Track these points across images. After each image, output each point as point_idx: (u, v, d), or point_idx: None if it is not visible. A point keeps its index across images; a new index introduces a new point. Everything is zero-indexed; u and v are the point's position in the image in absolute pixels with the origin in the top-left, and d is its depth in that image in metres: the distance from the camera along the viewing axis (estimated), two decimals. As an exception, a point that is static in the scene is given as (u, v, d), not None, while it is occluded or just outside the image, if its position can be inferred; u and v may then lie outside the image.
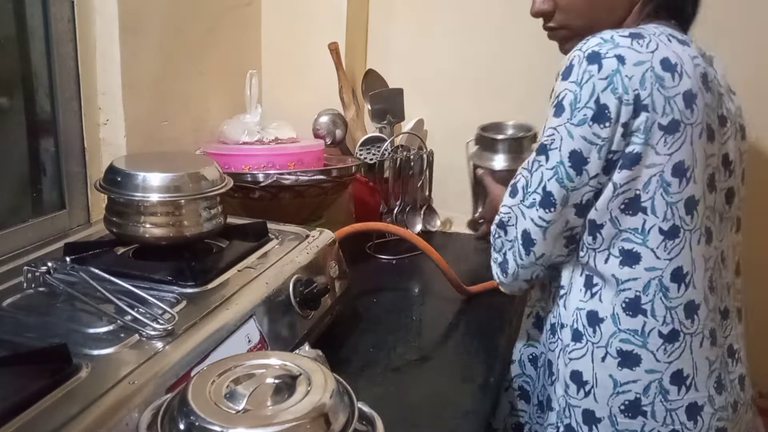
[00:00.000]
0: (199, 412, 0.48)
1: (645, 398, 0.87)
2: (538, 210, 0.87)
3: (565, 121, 0.83)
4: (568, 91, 0.83)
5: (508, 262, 0.93)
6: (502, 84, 1.59)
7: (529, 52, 1.54)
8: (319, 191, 1.32)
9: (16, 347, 0.66)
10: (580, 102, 0.82)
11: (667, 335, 0.86)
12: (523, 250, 0.90)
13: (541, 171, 0.86)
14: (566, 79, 0.84)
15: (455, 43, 1.61)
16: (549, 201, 0.86)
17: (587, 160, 0.83)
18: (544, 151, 0.86)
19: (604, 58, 0.81)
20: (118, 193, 0.90)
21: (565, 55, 0.91)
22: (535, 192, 0.87)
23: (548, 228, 0.87)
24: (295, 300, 0.89)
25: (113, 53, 1.11)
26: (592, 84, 0.81)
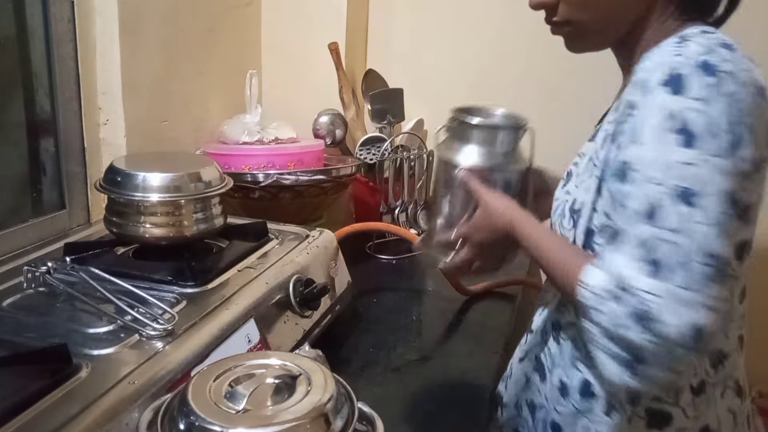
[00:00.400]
0: (199, 412, 0.48)
1: None
2: (710, 287, 0.62)
3: (707, 153, 0.63)
4: (694, 111, 0.64)
5: (646, 362, 0.64)
6: (502, 84, 1.59)
7: (529, 52, 1.54)
8: (319, 191, 1.32)
9: (16, 347, 0.66)
10: (716, 125, 0.63)
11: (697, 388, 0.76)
12: (689, 351, 0.63)
13: (696, 228, 0.62)
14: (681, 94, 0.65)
15: (455, 43, 1.61)
16: (723, 270, 0.63)
17: (749, 199, 0.64)
18: (686, 198, 0.63)
19: (720, 72, 0.64)
20: (118, 193, 0.90)
21: (576, 53, 0.83)
22: (699, 263, 0.62)
23: (721, 309, 0.63)
24: (295, 300, 0.89)
25: (113, 53, 1.11)
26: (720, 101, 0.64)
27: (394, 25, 1.65)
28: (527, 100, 1.57)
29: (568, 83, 1.49)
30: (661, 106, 0.64)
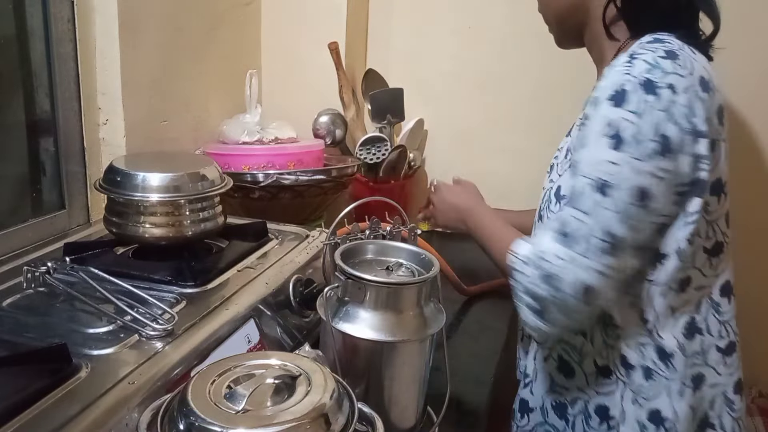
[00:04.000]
0: (199, 413, 0.48)
1: (712, 412, 0.87)
2: (603, 257, 0.78)
3: (628, 156, 0.76)
4: (626, 121, 0.76)
5: (551, 313, 0.82)
6: (502, 84, 1.59)
7: (529, 51, 1.54)
8: (318, 191, 1.32)
9: (16, 347, 0.66)
10: (643, 135, 0.75)
11: (725, 349, 0.87)
12: (581, 305, 0.80)
13: (604, 214, 0.77)
14: (620, 107, 0.77)
15: (455, 43, 1.61)
16: (617, 247, 0.78)
17: (656, 197, 0.77)
18: (601, 188, 0.77)
19: (659, 88, 0.76)
20: (117, 193, 0.90)
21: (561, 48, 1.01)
22: (598, 239, 0.77)
23: (612, 277, 0.79)
24: (295, 300, 0.89)
25: (113, 53, 1.11)
26: (653, 115, 0.76)
27: (394, 25, 1.65)
28: (527, 100, 1.57)
29: (568, 83, 1.49)
30: (603, 116, 0.78)
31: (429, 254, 0.75)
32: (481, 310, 1.21)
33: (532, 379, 1.00)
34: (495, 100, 1.60)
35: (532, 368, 1.00)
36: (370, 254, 0.77)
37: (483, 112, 1.61)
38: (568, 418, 0.94)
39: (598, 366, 0.89)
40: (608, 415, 0.89)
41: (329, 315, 0.70)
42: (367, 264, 0.75)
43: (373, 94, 1.56)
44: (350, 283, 0.69)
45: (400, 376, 0.71)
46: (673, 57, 0.79)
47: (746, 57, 1.37)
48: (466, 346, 1.07)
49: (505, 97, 1.59)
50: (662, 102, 0.76)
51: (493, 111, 1.60)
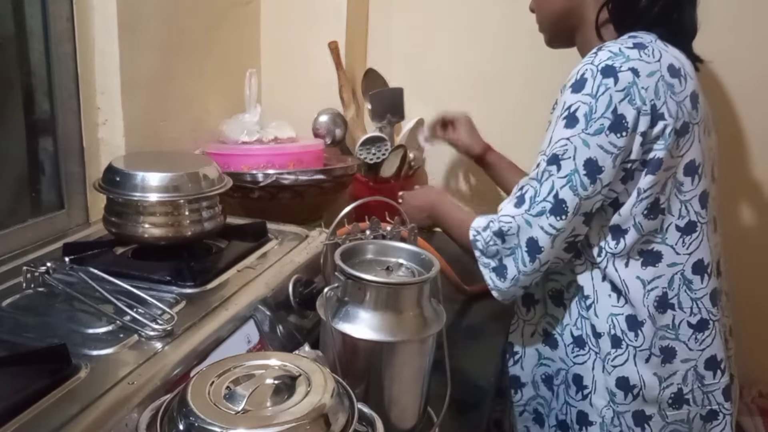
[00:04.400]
0: (199, 413, 0.48)
1: (686, 387, 0.92)
2: (548, 218, 0.87)
3: (579, 132, 0.84)
4: (581, 103, 0.84)
5: (506, 268, 0.92)
6: (502, 84, 1.59)
7: (529, 51, 1.53)
8: (318, 191, 1.32)
9: (15, 347, 0.66)
10: (596, 113, 0.83)
11: (697, 325, 0.91)
12: (528, 258, 0.90)
13: (552, 180, 0.87)
14: (578, 92, 0.85)
15: (455, 43, 1.61)
16: (561, 209, 0.87)
17: (602, 168, 0.84)
18: (556, 161, 0.86)
19: (620, 72, 0.83)
20: (117, 193, 0.90)
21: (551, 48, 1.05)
22: (545, 200, 0.87)
23: (558, 236, 0.88)
24: (295, 300, 0.89)
25: (112, 52, 1.11)
26: (609, 96, 0.83)
27: (394, 24, 1.65)
28: (527, 100, 1.57)
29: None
30: (563, 102, 0.87)
31: (429, 254, 0.75)
32: (481, 310, 1.20)
33: (521, 355, 1.05)
34: (495, 100, 1.60)
35: (520, 345, 1.05)
36: (370, 254, 0.77)
37: (483, 112, 1.61)
38: (554, 388, 1.01)
39: (574, 336, 0.97)
40: (582, 384, 0.97)
41: (329, 315, 0.70)
42: (367, 264, 0.75)
43: (373, 93, 1.56)
44: (350, 283, 0.69)
45: (400, 376, 0.71)
46: (640, 47, 0.86)
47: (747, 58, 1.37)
48: (466, 346, 1.07)
49: (505, 97, 1.59)
50: (621, 84, 0.83)
51: (492, 111, 1.60)
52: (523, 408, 1.06)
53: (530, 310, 1.03)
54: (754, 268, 1.37)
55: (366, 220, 0.87)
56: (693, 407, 0.93)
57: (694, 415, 0.93)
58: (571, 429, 0.99)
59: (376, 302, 0.69)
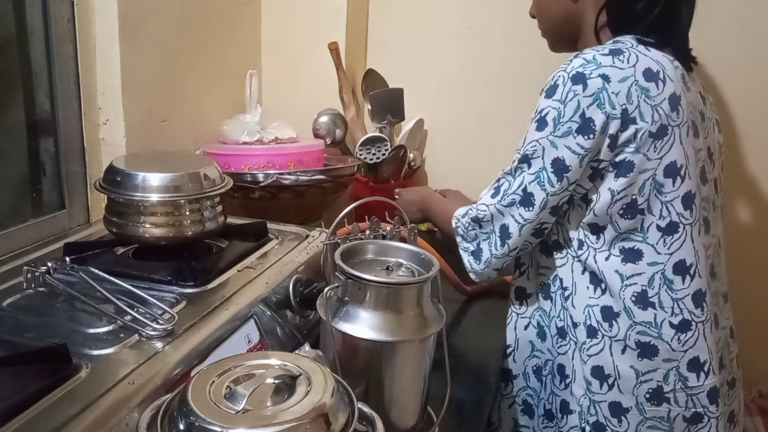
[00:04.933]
0: (199, 413, 0.48)
1: (667, 386, 0.92)
2: (518, 209, 0.94)
3: (548, 134, 0.90)
4: (552, 108, 0.89)
5: (482, 251, 1.00)
6: (501, 84, 1.59)
7: (528, 51, 1.53)
8: (319, 191, 1.32)
9: (16, 347, 0.66)
10: (564, 117, 0.88)
11: (679, 325, 0.91)
12: (500, 242, 0.97)
13: (523, 176, 0.93)
14: (550, 98, 0.90)
15: (455, 43, 1.61)
16: (529, 201, 0.93)
17: (569, 167, 0.89)
18: (526, 160, 0.93)
19: (589, 78, 0.87)
20: (117, 193, 0.90)
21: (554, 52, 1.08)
22: (514, 193, 0.94)
23: (525, 225, 0.95)
24: (295, 300, 0.89)
25: (113, 53, 1.11)
26: (577, 101, 0.87)
27: (394, 25, 1.65)
28: (527, 100, 1.57)
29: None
30: (537, 106, 0.92)
31: (429, 254, 0.75)
32: (481, 310, 1.21)
33: (513, 349, 1.07)
34: (495, 100, 1.60)
35: (512, 338, 1.07)
36: (370, 254, 0.77)
37: (483, 112, 1.61)
38: (542, 379, 1.04)
39: (558, 327, 0.99)
40: (565, 374, 0.99)
41: (329, 315, 0.70)
42: (367, 264, 0.75)
43: (373, 94, 1.56)
44: (350, 283, 0.69)
45: (400, 376, 0.71)
46: (615, 53, 0.88)
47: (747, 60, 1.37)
48: (466, 346, 1.07)
49: (505, 97, 1.59)
50: (590, 90, 0.87)
51: (492, 111, 1.60)
52: (513, 400, 1.07)
53: (523, 303, 1.05)
54: (753, 268, 1.37)
55: (366, 220, 0.87)
56: (674, 407, 0.93)
57: (676, 415, 0.93)
58: (556, 418, 1.01)
59: (376, 302, 0.69)
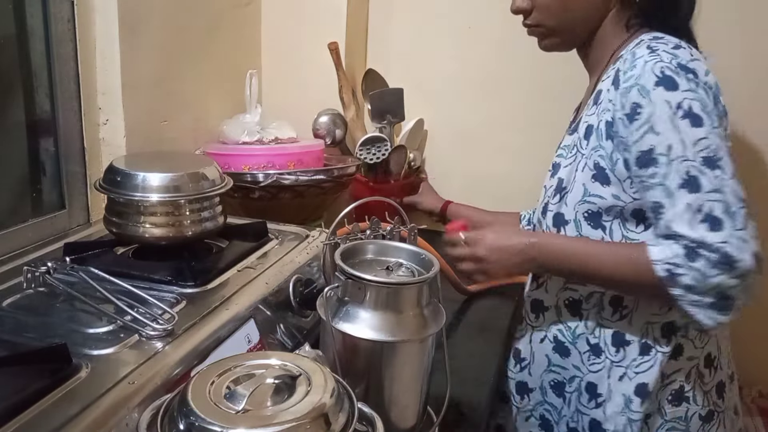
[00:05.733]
0: (199, 413, 0.48)
1: (688, 385, 0.92)
2: (750, 222, 0.80)
3: (710, 127, 0.81)
4: (689, 99, 0.81)
5: (730, 298, 0.80)
6: (501, 84, 1.59)
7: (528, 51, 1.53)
8: (318, 191, 1.32)
9: (16, 347, 0.66)
10: (708, 106, 0.82)
11: None
12: (758, 274, 0.80)
13: (731, 185, 0.80)
14: (676, 90, 0.81)
15: (455, 43, 1.61)
16: (748, 208, 0.80)
17: (730, 160, 0.82)
18: (714, 163, 0.80)
19: (695, 68, 0.83)
20: (117, 193, 0.90)
21: (546, 51, 1.02)
22: (740, 208, 0.80)
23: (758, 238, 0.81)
24: (295, 300, 0.89)
25: (113, 53, 1.11)
26: (703, 89, 0.82)
27: (394, 25, 1.65)
28: (527, 100, 1.57)
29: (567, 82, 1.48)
30: (664, 101, 0.82)
31: (429, 254, 0.75)
32: (481, 310, 1.21)
33: (529, 361, 1.04)
34: (495, 100, 1.60)
35: (528, 351, 1.04)
36: (370, 254, 0.77)
37: (483, 112, 1.61)
38: (565, 395, 0.99)
39: (591, 345, 0.95)
40: (596, 393, 0.95)
41: (329, 315, 0.70)
42: (367, 264, 0.75)
43: (373, 94, 1.56)
44: (350, 283, 0.69)
45: (400, 376, 0.71)
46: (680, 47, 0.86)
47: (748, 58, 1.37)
48: (466, 346, 1.07)
49: (505, 97, 1.59)
50: (701, 78, 0.83)
51: (492, 111, 1.60)
52: (529, 413, 1.05)
53: (539, 316, 1.02)
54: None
55: (366, 220, 0.87)
56: (692, 406, 0.92)
57: (693, 414, 0.93)
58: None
59: (376, 302, 0.69)
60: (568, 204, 0.94)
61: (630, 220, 0.89)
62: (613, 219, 0.90)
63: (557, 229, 0.96)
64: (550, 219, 0.98)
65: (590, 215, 0.92)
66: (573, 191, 0.93)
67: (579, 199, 0.92)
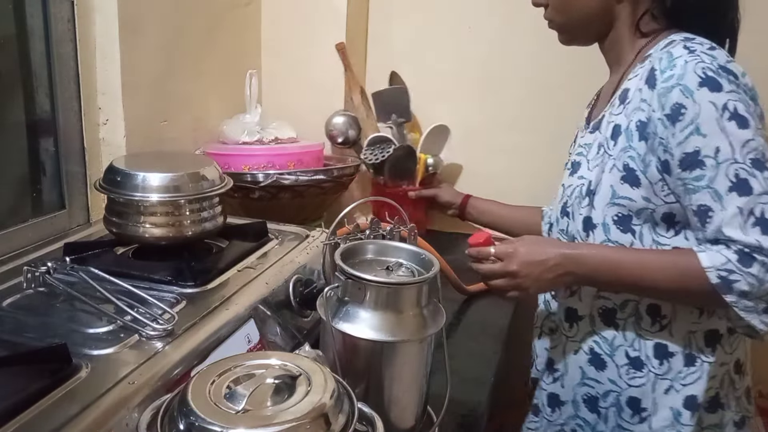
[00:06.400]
0: (199, 413, 0.48)
1: (722, 392, 0.90)
2: None
3: (754, 128, 0.80)
4: (733, 101, 0.80)
5: None
6: (502, 84, 1.59)
7: (528, 51, 1.54)
8: (318, 191, 1.32)
9: (16, 347, 0.66)
10: (750, 107, 0.81)
11: (728, 328, 0.88)
12: None
13: None
14: (720, 91, 0.80)
15: (455, 43, 1.61)
16: None
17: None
18: (763, 165, 0.79)
19: (733, 70, 0.81)
20: (117, 193, 0.90)
21: (565, 45, 0.99)
22: None
23: None
24: (295, 300, 0.89)
25: (113, 53, 1.11)
26: (743, 90, 0.81)
27: (394, 25, 1.65)
28: (527, 100, 1.57)
29: (567, 81, 1.49)
30: (710, 103, 0.79)
31: (429, 254, 0.75)
32: (481, 310, 1.21)
33: (562, 373, 0.99)
34: (495, 100, 1.60)
35: (562, 362, 0.99)
36: (370, 254, 0.77)
37: (483, 112, 1.61)
38: (600, 411, 0.95)
39: (630, 358, 0.91)
40: (640, 407, 0.91)
41: (329, 315, 0.70)
42: (367, 264, 0.75)
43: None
44: (350, 283, 0.69)
45: (400, 376, 0.71)
46: (715, 48, 0.84)
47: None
48: (466, 346, 1.07)
49: (505, 97, 1.59)
50: (740, 78, 0.82)
51: (492, 111, 1.60)
52: (560, 427, 1.01)
53: (573, 326, 0.97)
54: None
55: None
56: (727, 412, 0.90)
57: (728, 421, 0.90)
58: None
59: (376, 302, 0.69)
60: (596, 207, 0.90)
61: (660, 225, 0.86)
62: (643, 223, 0.87)
63: (586, 234, 0.92)
64: (580, 223, 0.93)
65: (619, 219, 0.88)
66: (600, 193, 0.89)
67: (607, 201, 0.89)
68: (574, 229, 0.94)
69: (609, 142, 0.90)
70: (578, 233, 0.93)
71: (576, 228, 0.94)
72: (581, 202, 0.93)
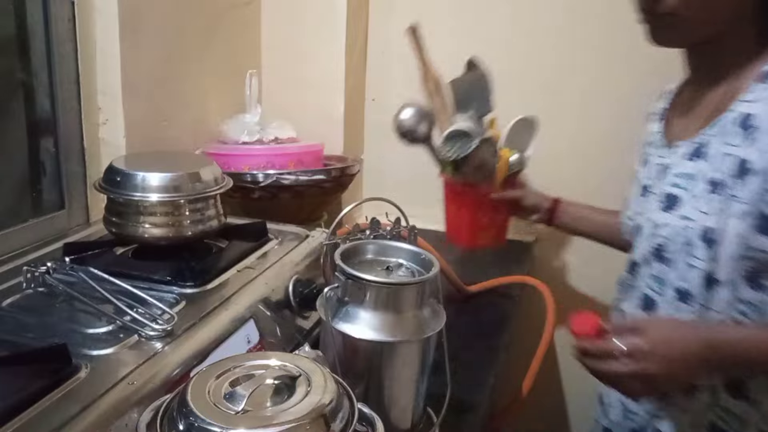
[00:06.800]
0: (199, 413, 0.48)
1: None
2: None
3: None
4: None
5: None
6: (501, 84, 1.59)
7: (529, 52, 1.54)
8: (318, 191, 1.32)
9: (16, 347, 0.66)
10: None
11: None
12: None
13: None
14: None
15: (455, 43, 1.61)
16: None
17: None
18: None
19: None
20: (117, 193, 0.90)
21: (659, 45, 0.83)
22: None
23: None
24: (295, 300, 0.89)
25: (113, 53, 1.11)
26: None
27: (394, 25, 1.65)
28: (527, 100, 1.57)
29: (572, 82, 1.49)
30: None
31: (429, 254, 0.75)
32: (481, 310, 1.21)
33: (607, 404, 0.92)
34: (498, 99, 1.59)
35: (605, 389, 0.90)
36: (370, 254, 0.77)
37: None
38: None
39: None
40: None
41: (329, 315, 0.70)
42: (367, 264, 0.75)
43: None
44: (350, 283, 0.69)
45: (400, 376, 0.71)
46: None
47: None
48: (466, 346, 1.07)
49: (505, 97, 1.58)
50: None
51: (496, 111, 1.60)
52: None
53: (690, 397, 0.82)
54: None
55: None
56: None
57: None
58: None
59: (376, 302, 0.69)
60: (720, 260, 0.77)
61: None
62: None
63: (708, 293, 0.79)
64: (696, 278, 0.79)
65: (751, 274, 0.76)
66: (725, 244, 0.76)
67: (737, 253, 0.76)
68: (682, 282, 0.81)
69: (732, 180, 0.76)
70: (693, 290, 0.80)
71: (688, 283, 0.81)
72: (692, 251, 0.80)
